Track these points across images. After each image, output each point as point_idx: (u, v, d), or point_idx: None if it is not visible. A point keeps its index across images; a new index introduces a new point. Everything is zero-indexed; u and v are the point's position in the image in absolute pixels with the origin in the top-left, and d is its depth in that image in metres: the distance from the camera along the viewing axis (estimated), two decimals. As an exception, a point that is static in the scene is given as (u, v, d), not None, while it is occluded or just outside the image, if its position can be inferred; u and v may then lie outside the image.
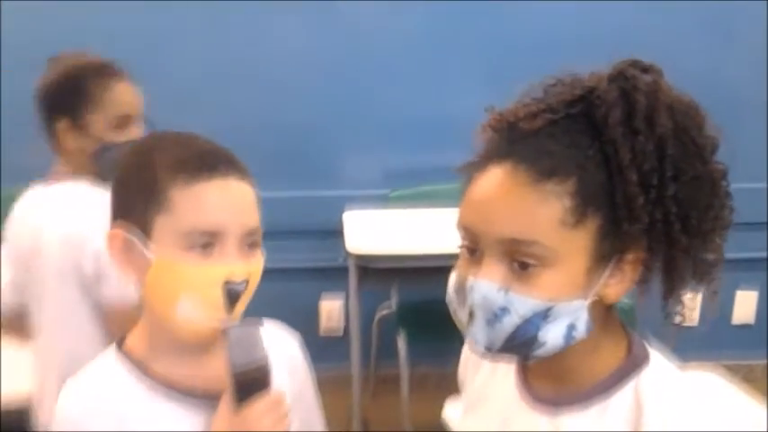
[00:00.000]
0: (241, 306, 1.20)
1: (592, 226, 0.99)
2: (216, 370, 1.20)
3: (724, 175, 1.04)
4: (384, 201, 3.68)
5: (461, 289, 1.04)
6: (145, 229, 1.18)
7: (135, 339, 1.29)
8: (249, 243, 1.20)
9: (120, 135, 2.00)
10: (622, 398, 1.05)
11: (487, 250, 1.01)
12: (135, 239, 1.18)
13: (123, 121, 2.01)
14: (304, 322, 1.69)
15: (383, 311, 3.74)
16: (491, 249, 1.00)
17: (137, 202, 1.19)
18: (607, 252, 1.01)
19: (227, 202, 1.18)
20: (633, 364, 1.07)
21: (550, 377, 1.12)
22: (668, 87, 1.01)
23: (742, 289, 4.26)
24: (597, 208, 0.98)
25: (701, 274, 1.06)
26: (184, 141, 1.24)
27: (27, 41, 3.60)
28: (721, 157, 1.04)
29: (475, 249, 1.03)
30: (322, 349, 3.16)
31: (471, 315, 1.03)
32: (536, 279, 0.98)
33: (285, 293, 3.18)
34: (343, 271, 3.27)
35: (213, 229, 1.16)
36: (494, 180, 1.00)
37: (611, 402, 1.05)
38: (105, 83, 2.05)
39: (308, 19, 3.55)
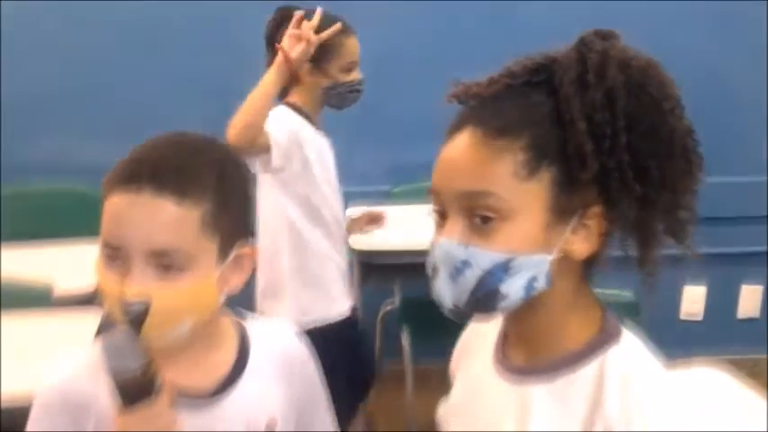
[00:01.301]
0: (153, 327, 1.14)
1: (546, 178, 1.03)
2: (197, 368, 1.24)
3: (688, 132, 1.06)
4: (387, 196, 3.68)
5: (431, 251, 1.08)
6: None
7: None
8: (159, 264, 1.14)
9: (347, 76, 2.69)
10: (588, 372, 1.07)
11: (450, 208, 1.06)
12: None
13: (350, 66, 2.70)
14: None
15: (387, 307, 3.74)
16: (453, 206, 1.05)
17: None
18: (566, 206, 1.04)
19: (128, 217, 1.13)
20: (603, 339, 1.09)
21: (525, 346, 1.15)
22: (623, 48, 1.05)
23: (747, 283, 4.25)
24: (551, 161, 1.03)
25: (675, 229, 1.08)
26: (142, 146, 1.21)
27: (27, 37, 3.62)
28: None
29: (443, 213, 1.08)
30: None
31: (435, 270, 1.07)
32: (495, 232, 1.03)
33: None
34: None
35: (112, 243, 1.15)
36: (455, 144, 1.07)
37: (577, 376, 1.07)
38: (341, 38, 2.62)
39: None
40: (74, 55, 3.67)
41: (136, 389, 1.12)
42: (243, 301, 1.37)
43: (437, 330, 1.38)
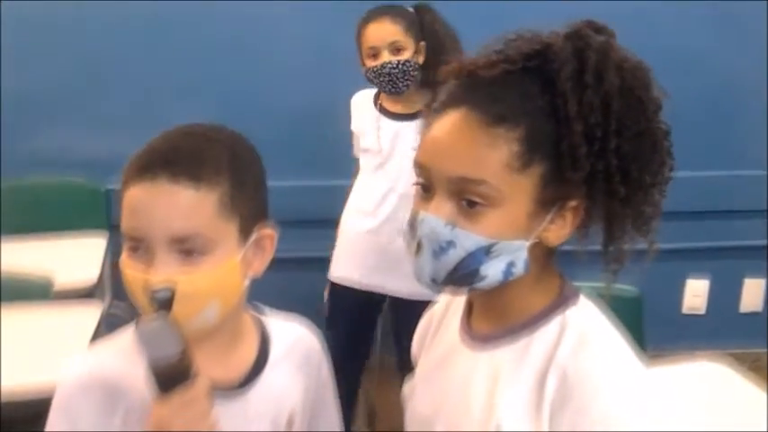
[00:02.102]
0: (181, 313, 1.15)
1: (536, 172, 1.06)
2: (223, 361, 1.25)
3: (666, 134, 1.10)
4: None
5: (413, 223, 1.10)
6: None
7: None
8: (181, 249, 1.15)
9: (372, 62, 2.83)
10: (547, 331, 1.11)
11: (439, 187, 1.08)
12: None
13: (371, 52, 2.84)
14: (311, 311, 1.68)
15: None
16: (442, 187, 1.07)
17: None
18: (549, 198, 1.08)
19: (148, 206, 1.15)
20: (561, 302, 1.14)
21: (490, 316, 1.19)
22: (618, 48, 1.08)
23: (750, 277, 4.25)
24: (543, 156, 1.05)
25: (640, 224, 1.11)
26: (154, 138, 1.22)
27: (27, 33, 3.61)
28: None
29: (428, 187, 1.10)
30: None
31: (419, 247, 1.09)
32: (481, 217, 1.06)
33: (292, 282, 3.17)
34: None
35: (134, 234, 1.16)
36: (449, 123, 1.08)
37: (536, 335, 1.12)
38: (361, 27, 2.86)
39: (317, 6, 3.55)
40: (74, 51, 3.66)
41: (173, 376, 1.12)
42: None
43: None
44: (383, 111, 2.98)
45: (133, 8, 3.59)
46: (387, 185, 2.94)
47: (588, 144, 1.03)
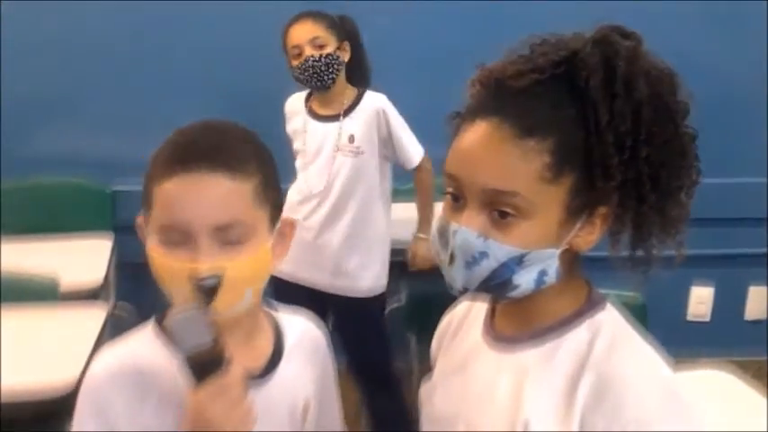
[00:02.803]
0: (225, 299, 1.19)
1: (567, 182, 1.06)
2: (244, 352, 1.26)
3: (693, 138, 1.10)
4: (393, 194, 3.67)
5: (444, 233, 1.11)
6: (146, 223, 1.23)
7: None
8: (225, 238, 1.18)
9: (294, 61, 2.95)
10: (577, 334, 1.12)
11: (471, 199, 1.08)
12: (144, 229, 1.24)
13: (293, 52, 2.95)
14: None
15: (393, 305, 3.73)
16: (474, 198, 1.08)
17: (143, 196, 1.23)
18: (580, 206, 1.08)
19: (191, 197, 1.17)
20: (589, 307, 1.15)
21: (514, 319, 1.19)
22: (646, 54, 1.08)
23: (755, 285, 4.24)
24: (574, 165, 1.06)
25: (669, 228, 1.12)
26: (180, 133, 1.25)
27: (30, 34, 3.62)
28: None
29: (459, 197, 1.10)
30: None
31: (452, 257, 1.10)
32: (513, 228, 1.06)
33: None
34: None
35: (177, 226, 1.18)
36: (480, 133, 1.08)
37: (565, 338, 1.12)
38: (286, 28, 2.97)
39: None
40: (80, 52, 3.67)
41: (207, 364, 1.15)
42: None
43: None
44: (311, 113, 3.09)
45: (138, 9, 3.60)
46: (307, 186, 3.06)
47: (619, 153, 1.04)
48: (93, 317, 2.53)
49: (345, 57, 3.01)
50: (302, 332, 1.43)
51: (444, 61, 3.60)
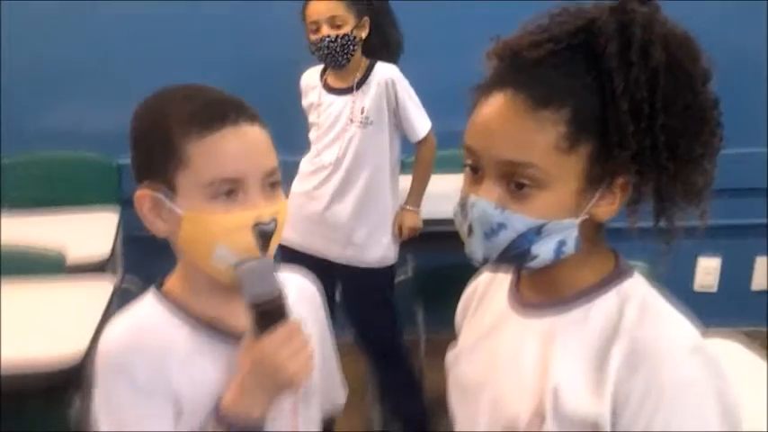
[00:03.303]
0: (275, 243, 1.25)
1: (584, 151, 1.06)
2: (240, 309, 1.27)
3: (715, 104, 1.09)
4: (400, 167, 3.67)
5: (464, 205, 1.13)
6: (170, 186, 1.22)
7: (174, 282, 1.34)
8: (270, 183, 1.24)
9: (313, 36, 2.94)
10: (606, 300, 1.13)
11: (488, 171, 1.09)
12: (162, 197, 1.23)
13: (312, 27, 2.95)
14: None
15: (400, 278, 3.73)
16: (491, 170, 1.09)
17: (157, 161, 1.23)
18: (597, 176, 1.08)
19: (242, 148, 1.21)
20: (617, 275, 1.15)
21: (540, 287, 1.20)
22: (664, 20, 1.07)
23: (762, 255, 4.23)
24: (590, 135, 1.06)
25: (691, 196, 1.12)
26: (192, 94, 1.26)
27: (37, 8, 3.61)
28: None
29: (477, 169, 1.12)
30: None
31: (471, 229, 1.12)
32: (531, 199, 1.07)
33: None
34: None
35: (233, 177, 1.20)
36: (496, 105, 1.08)
37: (593, 305, 1.13)
38: (305, 2, 2.96)
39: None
40: (87, 25, 3.67)
41: (275, 311, 1.20)
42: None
43: (450, 300, 1.38)
44: (326, 86, 3.10)
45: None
46: (320, 158, 3.08)
47: (635, 121, 1.03)
48: (101, 290, 2.53)
49: (364, 33, 2.99)
50: (300, 289, 1.46)
51: (458, 35, 3.61)
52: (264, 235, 1.22)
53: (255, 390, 1.21)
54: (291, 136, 2.78)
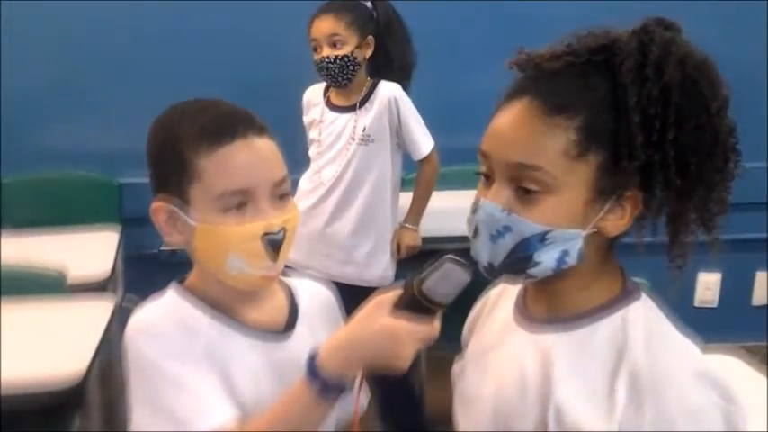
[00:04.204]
0: (285, 251, 1.30)
1: (594, 161, 1.07)
2: (266, 311, 1.38)
3: (731, 131, 1.10)
4: (402, 184, 3.67)
5: (474, 208, 1.15)
6: (183, 199, 1.27)
7: (193, 279, 1.38)
8: (279, 194, 1.29)
9: (316, 55, 2.96)
10: (611, 322, 1.13)
11: (497, 174, 1.12)
12: (176, 209, 1.28)
13: (314, 45, 2.96)
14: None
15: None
16: (500, 173, 1.11)
17: (170, 174, 1.28)
18: (606, 188, 1.09)
19: (252, 160, 1.26)
20: (624, 297, 1.15)
21: (546, 303, 1.20)
22: (684, 43, 1.09)
23: (762, 270, 4.23)
24: (600, 145, 1.07)
25: (705, 222, 1.14)
26: (203, 108, 1.30)
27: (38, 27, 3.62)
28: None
29: (489, 175, 1.13)
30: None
31: (477, 231, 1.14)
32: (537, 204, 1.08)
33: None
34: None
35: (243, 189, 1.25)
36: (511, 112, 1.11)
37: (599, 326, 1.13)
38: (311, 20, 2.95)
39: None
40: (87, 45, 3.68)
41: (432, 311, 1.19)
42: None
43: (450, 317, 1.38)
44: (328, 103, 3.10)
45: (147, 6, 3.61)
46: (320, 176, 3.08)
47: (645, 134, 1.05)
48: (101, 309, 2.53)
49: (367, 53, 3.00)
50: (313, 293, 1.51)
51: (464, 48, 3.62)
52: (274, 244, 1.26)
53: (365, 351, 1.20)
54: (293, 153, 2.79)
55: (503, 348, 1.24)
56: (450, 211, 3.30)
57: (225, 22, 3.69)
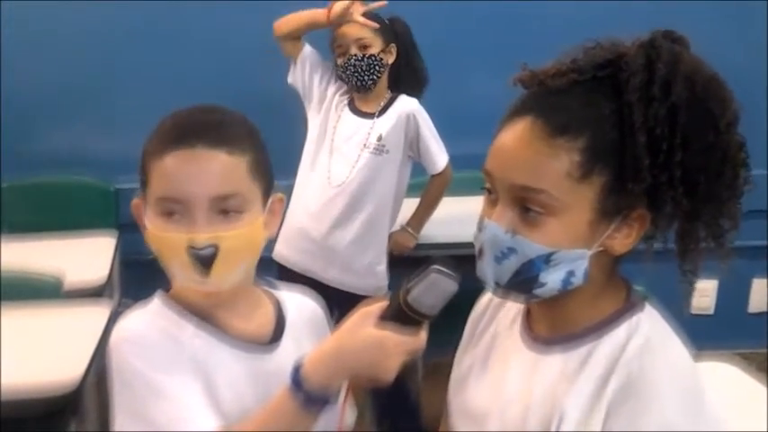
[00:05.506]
0: (221, 270, 1.24)
1: (598, 182, 1.06)
2: (252, 322, 1.37)
3: (741, 146, 1.10)
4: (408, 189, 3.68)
5: (480, 227, 1.14)
6: (145, 201, 1.28)
7: (178, 288, 1.36)
8: (221, 209, 1.24)
9: (338, 60, 3.00)
10: (615, 335, 1.12)
11: (502, 195, 1.11)
12: (142, 210, 1.30)
13: (338, 51, 3.00)
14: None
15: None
16: (505, 194, 1.10)
17: (141, 175, 1.29)
18: (612, 208, 1.08)
19: (189, 171, 1.22)
20: (629, 308, 1.15)
21: (551, 321, 1.20)
22: (691, 59, 1.08)
23: (758, 277, 4.23)
24: (605, 165, 1.06)
25: (716, 237, 1.12)
26: (174, 114, 1.31)
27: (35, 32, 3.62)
28: None
29: (493, 193, 1.13)
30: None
31: (481, 252, 1.13)
32: (542, 226, 1.07)
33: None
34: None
35: (175, 197, 1.23)
36: (514, 131, 1.09)
37: (602, 341, 1.12)
38: (338, 26, 2.96)
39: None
40: (83, 51, 3.68)
41: (419, 323, 1.18)
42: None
43: (447, 324, 1.38)
44: (351, 104, 3.11)
45: (145, 6, 3.60)
46: (329, 176, 3.06)
47: (652, 156, 1.03)
48: (98, 314, 2.53)
49: (390, 59, 3.03)
50: (301, 306, 1.50)
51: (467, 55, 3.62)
52: (202, 259, 1.23)
53: (350, 362, 1.18)
54: (289, 158, 2.79)
55: (508, 368, 1.23)
56: (447, 219, 3.32)
57: (225, 28, 3.68)
